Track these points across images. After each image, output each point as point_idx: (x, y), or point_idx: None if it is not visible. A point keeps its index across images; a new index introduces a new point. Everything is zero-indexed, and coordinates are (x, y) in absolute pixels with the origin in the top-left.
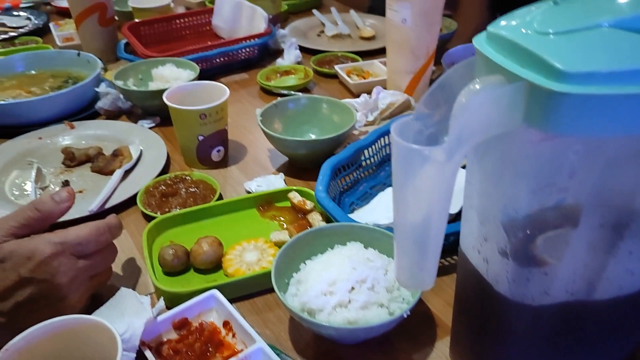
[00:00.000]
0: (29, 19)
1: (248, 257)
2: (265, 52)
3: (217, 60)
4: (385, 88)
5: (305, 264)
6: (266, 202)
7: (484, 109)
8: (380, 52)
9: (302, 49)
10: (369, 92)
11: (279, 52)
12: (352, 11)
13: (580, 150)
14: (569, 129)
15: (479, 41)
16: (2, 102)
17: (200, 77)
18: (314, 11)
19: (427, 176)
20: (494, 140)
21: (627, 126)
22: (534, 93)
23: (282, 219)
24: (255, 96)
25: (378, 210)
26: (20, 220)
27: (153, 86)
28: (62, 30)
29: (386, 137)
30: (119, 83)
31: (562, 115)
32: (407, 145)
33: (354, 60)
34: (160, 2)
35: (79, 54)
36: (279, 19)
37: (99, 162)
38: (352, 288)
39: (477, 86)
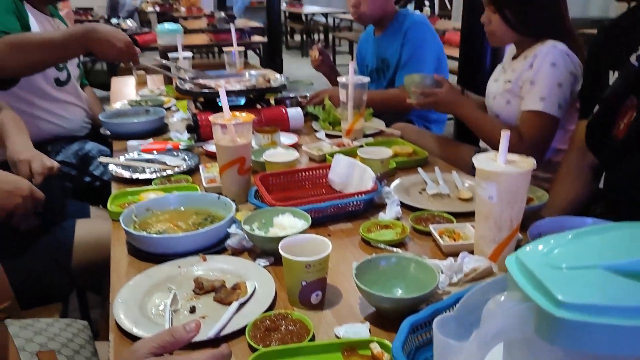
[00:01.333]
0: (184, 159)
1: None
2: (370, 205)
3: (328, 210)
4: (472, 252)
5: None
6: (350, 348)
7: (505, 317)
8: (474, 215)
9: (403, 205)
10: (458, 254)
11: (382, 206)
12: (454, 172)
13: None
14: (570, 345)
15: (510, 261)
16: (155, 236)
17: (313, 223)
18: (419, 169)
19: None
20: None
21: (620, 348)
22: (541, 313)
23: None
24: (356, 245)
25: None
26: (159, 342)
27: (272, 232)
28: (208, 172)
29: None
30: (246, 228)
31: (561, 334)
32: (445, 339)
33: (448, 220)
34: (289, 157)
35: (219, 197)
36: (386, 175)
37: (221, 294)
38: None
39: (502, 298)
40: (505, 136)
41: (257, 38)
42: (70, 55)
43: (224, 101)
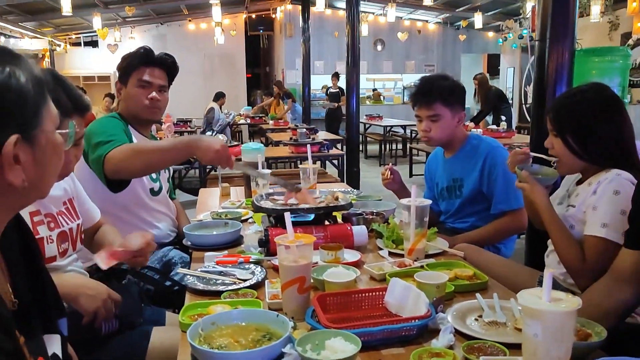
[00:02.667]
0: (253, 273)
1: None
2: (425, 330)
3: (379, 334)
4: None
5: None
6: None
7: None
8: None
9: (457, 332)
10: None
11: (437, 331)
12: (512, 299)
13: None
14: None
15: None
16: (215, 351)
17: (365, 346)
18: (477, 295)
19: None
20: None
21: None
22: None
23: None
24: None
25: None
26: None
27: (324, 354)
28: (272, 288)
29: None
30: (299, 349)
31: None
32: None
33: (501, 351)
34: (347, 278)
35: (277, 316)
36: (442, 300)
37: None
38: None
39: None
40: (548, 275)
41: (335, 150)
42: (177, 158)
43: (288, 224)
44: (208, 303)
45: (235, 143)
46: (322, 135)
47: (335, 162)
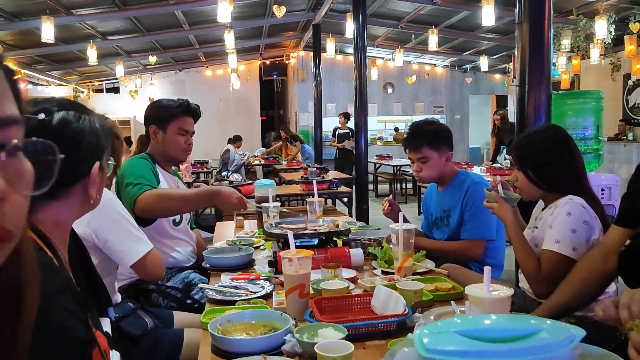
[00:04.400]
0: (262, 287)
1: None
2: (404, 327)
3: (362, 329)
4: None
5: None
6: None
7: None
8: None
9: None
10: None
11: (413, 327)
12: None
13: None
14: None
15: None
16: (231, 337)
17: (353, 338)
18: (452, 302)
19: None
20: None
21: None
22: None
23: None
24: None
25: None
26: None
27: (316, 339)
28: (279, 297)
29: None
30: (297, 336)
31: None
32: None
33: None
34: (340, 286)
35: (281, 314)
36: (420, 305)
37: None
38: None
39: (405, 348)
40: (487, 271)
41: (344, 188)
42: (197, 207)
43: (291, 240)
44: (225, 308)
45: (250, 182)
46: (333, 174)
47: (345, 200)
